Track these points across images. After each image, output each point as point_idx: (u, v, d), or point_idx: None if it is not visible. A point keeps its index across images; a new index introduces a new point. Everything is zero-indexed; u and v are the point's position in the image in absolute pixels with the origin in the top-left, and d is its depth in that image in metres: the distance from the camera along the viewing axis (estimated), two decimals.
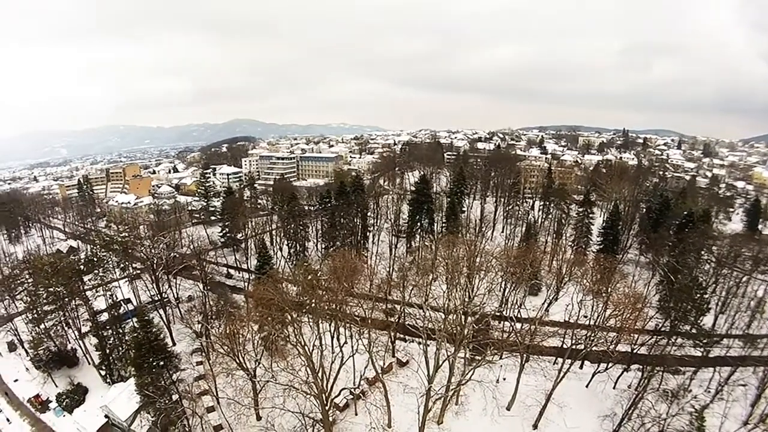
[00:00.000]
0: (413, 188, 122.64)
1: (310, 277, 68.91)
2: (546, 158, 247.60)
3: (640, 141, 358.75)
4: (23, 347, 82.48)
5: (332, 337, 67.45)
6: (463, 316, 54.92)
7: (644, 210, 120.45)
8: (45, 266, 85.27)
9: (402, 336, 71.80)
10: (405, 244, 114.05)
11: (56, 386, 72.00)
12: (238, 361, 55.39)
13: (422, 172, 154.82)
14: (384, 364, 64.39)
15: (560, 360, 58.23)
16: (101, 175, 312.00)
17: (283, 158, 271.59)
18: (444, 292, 57.14)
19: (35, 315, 78.93)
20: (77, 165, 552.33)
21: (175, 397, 54.67)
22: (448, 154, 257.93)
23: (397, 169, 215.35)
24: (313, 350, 52.16)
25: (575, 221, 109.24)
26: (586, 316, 60.42)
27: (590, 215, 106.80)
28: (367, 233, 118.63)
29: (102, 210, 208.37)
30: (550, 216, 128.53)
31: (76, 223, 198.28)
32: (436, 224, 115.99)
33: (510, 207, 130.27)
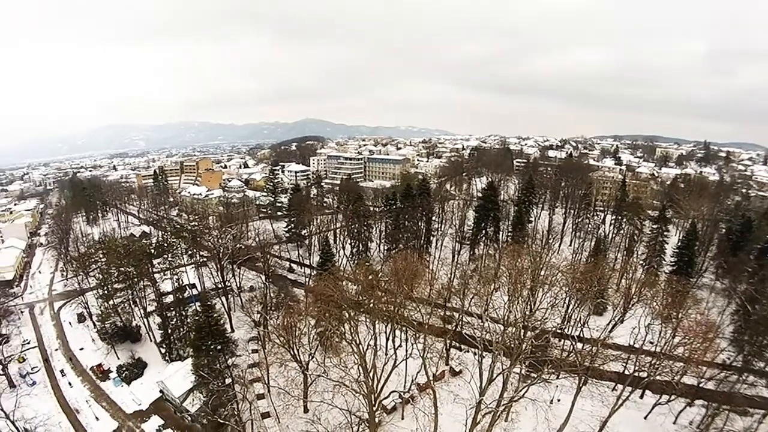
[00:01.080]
0: (480, 195, 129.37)
1: (370, 277, 73.89)
2: (620, 169, 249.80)
3: (723, 154, 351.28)
4: (92, 320, 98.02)
5: (387, 339, 72.23)
6: (522, 330, 55.74)
7: (723, 231, 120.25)
8: (118, 248, 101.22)
9: (458, 345, 75.92)
10: (468, 251, 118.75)
11: (118, 358, 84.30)
12: (292, 353, 61.44)
13: (490, 179, 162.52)
14: (437, 371, 67.77)
15: (620, 386, 58.72)
16: (176, 167, 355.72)
17: (350, 159, 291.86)
18: (505, 303, 58.83)
19: (105, 291, 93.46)
20: (153, 157, 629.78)
21: (228, 380, 61.71)
22: (517, 161, 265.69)
23: (464, 174, 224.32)
24: (367, 350, 56.31)
25: (648, 239, 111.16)
26: (652, 342, 60.37)
27: (665, 233, 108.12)
28: (431, 238, 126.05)
29: (174, 199, 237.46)
30: (621, 231, 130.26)
31: (150, 210, 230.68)
32: (501, 233, 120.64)
33: (580, 219, 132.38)
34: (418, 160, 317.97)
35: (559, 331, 69.88)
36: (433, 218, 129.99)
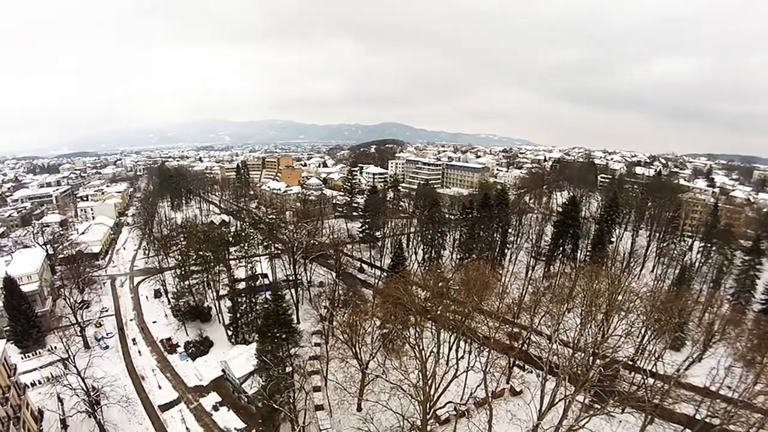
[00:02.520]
0: (560, 209, 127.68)
1: (440, 284, 74.52)
2: (713, 192, 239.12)
3: None
4: (167, 296, 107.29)
5: (450, 349, 72.53)
6: (591, 357, 54.39)
7: None
8: (199, 233, 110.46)
9: (522, 363, 74.67)
10: (543, 268, 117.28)
11: (187, 335, 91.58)
12: (354, 350, 63.28)
13: (572, 194, 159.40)
14: (497, 387, 66.68)
15: (688, 431, 55.84)
16: (258, 162, 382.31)
17: (429, 164, 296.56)
18: (576, 326, 57.87)
19: (183, 272, 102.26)
20: (237, 151, 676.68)
21: (288, 369, 64.71)
22: (601, 177, 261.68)
23: (545, 187, 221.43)
24: (429, 356, 56.81)
25: (738, 271, 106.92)
26: (730, 387, 55.42)
27: (757, 266, 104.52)
28: (505, 250, 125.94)
29: (254, 193, 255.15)
30: (709, 261, 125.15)
31: (230, 201, 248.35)
32: (579, 251, 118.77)
33: (665, 244, 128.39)
34: (497, 169, 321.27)
35: (630, 362, 67.87)
36: (510, 230, 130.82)
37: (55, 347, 70.09)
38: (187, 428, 65.53)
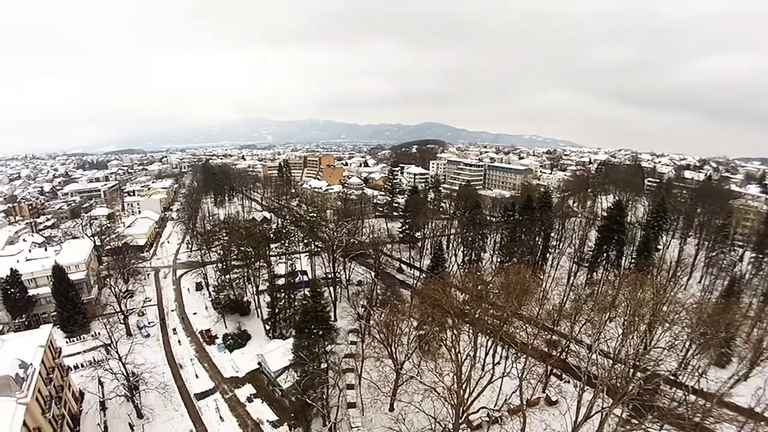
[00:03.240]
0: (605, 214, 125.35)
1: (479, 287, 74.09)
2: (766, 199, 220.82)
3: None
4: (208, 289, 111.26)
5: (487, 354, 71.99)
6: (632, 369, 52.79)
7: None
8: (240, 229, 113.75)
9: (559, 372, 73.46)
10: (586, 274, 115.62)
11: (225, 327, 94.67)
12: (389, 350, 63.92)
13: (617, 198, 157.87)
14: (532, 396, 65.94)
15: None
16: (299, 161, 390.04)
17: (470, 165, 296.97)
18: (618, 336, 56.47)
19: (224, 266, 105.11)
20: (279, 150, 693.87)
21: (323, 365, 66.10)
22: (649, 181, 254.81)
23: (589, 190, 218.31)
24: (465, 360, 56.76)
25: None
26: None
27: None
28: (547, 255, 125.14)
29: (296, 191, 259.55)
30: (761, 272, 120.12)
31: (272, 198, 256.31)
32: (624, 258, 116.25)
33: (714, 253, 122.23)
34: (540, 171, 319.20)
35: (672, 377, 65.40)
36: (552, 234, 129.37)
37: (99, 333, 73.60)
38: (221, 417, 67.79)
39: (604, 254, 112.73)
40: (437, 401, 56.71)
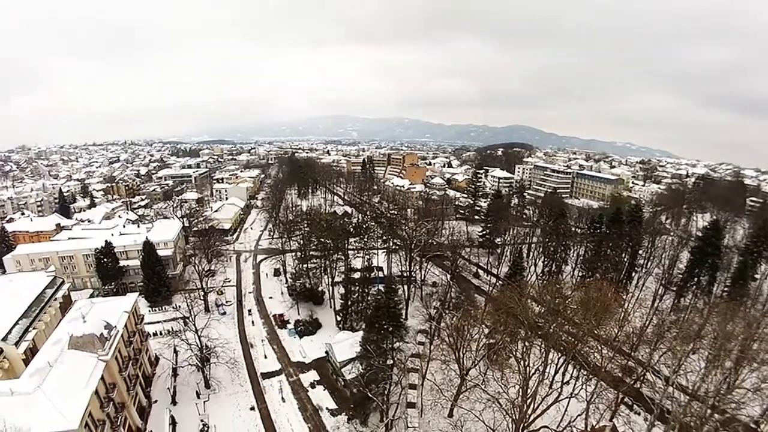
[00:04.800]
0: (699, 234, 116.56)
1: (558, 300, 71.56)
2: None
3: None
4: (285, 276, 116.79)
5: (557, 371, 69.22)
6: (710, 409, 48.71)
7: None
8: (322, 221, 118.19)
9: (630, 401, 69.11)
10: (672, 299, 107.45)
11: (298, 314, 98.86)
12: (457, 355, 63.54)
13: (715, 217, 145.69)
14: (598, 423, 61.92)
15: None
16: (383, 159, 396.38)
17: (558, 171, 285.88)
18: (699, 370, 52.75)
19: (302, 255, 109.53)
20: (364, 147, 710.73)
21: (389, 362, 67.08)
22: (751, 200, 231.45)
23: (684, 206, 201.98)
24: (533, 374, 55.28)
25: None
26: None
27: None
28: (633, 273, 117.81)
29: (378, 188, 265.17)
30: None
31: (354, 193, 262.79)
32: (716, 285, 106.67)
33: None
34: (632, 182, 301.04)
35: (753, 424, 60.14)
36: (640, 252, 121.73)
37: (179, 306, 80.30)
38: (282, 398, 71.38)
39: (695, 279, 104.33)
40: (498, 413, 55.51)
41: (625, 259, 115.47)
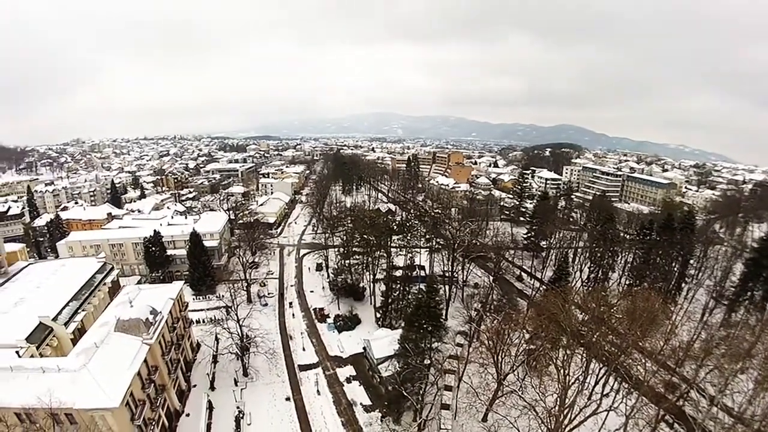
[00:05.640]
0: (756, 246, 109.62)
1: (602, 309, 69.49)
2: None
3: None
4: (327, 271, 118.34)
5: (597, 382, 67.66)
6: None
7: None
8: (365, 218, 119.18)
9: (671, 419, 65.56)
10: (723, 313, 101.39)
11: (338, 309, 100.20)
12: (495, 359, 62.44)
13: None
14: None
15: None
16: (428, 157, 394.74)
17: (607, 174, 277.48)
18: (747, 391, 50.37)
19: (345, 251, 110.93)
20: (409, 144, 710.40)
21: (426, 361, 67.05)
22: None
23: (740, 215, 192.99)
24: (572, 384, 53.92)
25: None
26: None
27: None
28: (682, 284, 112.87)
29: (422, 186, 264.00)
30: None
31: (398, 191, 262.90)
32: None
33: None
34: (685, 187, 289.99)
35: None
36: (691, 261, 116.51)
37: (223, 296, 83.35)
38: (318, 391, 72.64)
39: (748, 293, 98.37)
40: (534, 421, 54.43)
41: (675, 269, 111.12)
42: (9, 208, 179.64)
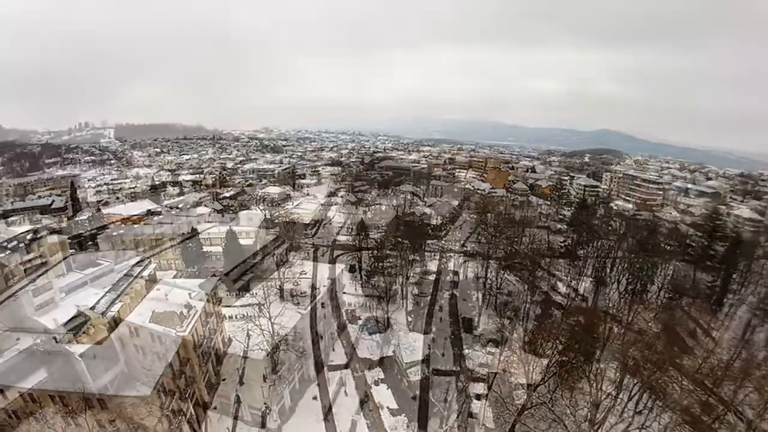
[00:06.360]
0: None
1: (640, 322, 68.08)
2: None
3: None
4: (360, 272, 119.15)
5: (630, 399, 65.60)
6: None
7: None
8: (400, 222, 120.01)
9: None
10: (766, 332, 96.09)
11: (369, 311, 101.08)
12: (526, 369, 61.99)
13: None
14: None
15: None
16: (465, 161, 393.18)
17: (648, 181, 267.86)
18: None
19: (379, 254, 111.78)
20: (445, 148, 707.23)
21: (456, 368, 67.14)
22: None
23: None
24: (605, 399, 53.25)
25: None
26: None
27: None
28: (724, 300, 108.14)
29: (459, 190, 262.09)
30: None
31: (434, 195, 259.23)
32: None
33: None
34: (730, 197, 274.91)
35: None
36: (734, 276, 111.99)
37: (256, 293, 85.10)
38: (345, 392, 73.77)
39: None
40: None
41: (717, 283, 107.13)
42: (53, 201, 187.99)
